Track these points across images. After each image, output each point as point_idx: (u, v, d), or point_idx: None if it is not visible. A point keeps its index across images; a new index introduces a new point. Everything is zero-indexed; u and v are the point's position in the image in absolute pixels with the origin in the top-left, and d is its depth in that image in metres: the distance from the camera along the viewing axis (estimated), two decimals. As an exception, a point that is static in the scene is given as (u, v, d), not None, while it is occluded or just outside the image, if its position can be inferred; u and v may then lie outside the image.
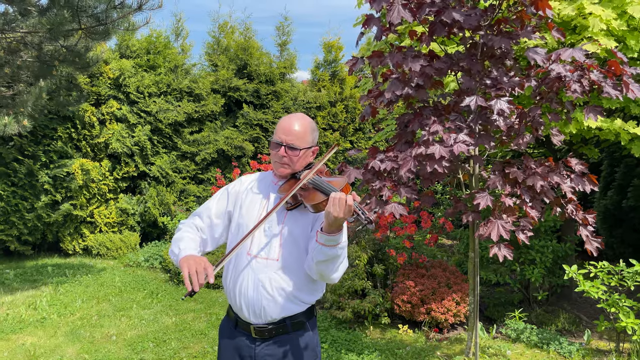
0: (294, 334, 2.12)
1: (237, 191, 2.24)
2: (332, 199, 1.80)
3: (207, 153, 9.03)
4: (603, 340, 5.05)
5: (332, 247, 1.88)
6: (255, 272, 2.08)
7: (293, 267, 2.09)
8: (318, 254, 1.91)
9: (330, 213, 1.80)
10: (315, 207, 1.99)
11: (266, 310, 2.07)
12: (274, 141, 2.11)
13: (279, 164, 2.13)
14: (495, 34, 3.44)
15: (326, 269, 1.95)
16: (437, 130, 3.44)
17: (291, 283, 2.08)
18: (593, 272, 4.69)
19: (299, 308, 2.12)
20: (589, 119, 3.25)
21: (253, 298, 2.07)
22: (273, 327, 2.10)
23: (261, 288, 2.06)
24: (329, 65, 10.56)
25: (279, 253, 2.08)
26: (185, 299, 1.89)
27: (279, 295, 2.07)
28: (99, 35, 5.21)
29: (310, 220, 2.11)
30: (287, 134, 2.09)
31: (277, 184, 2.19)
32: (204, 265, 1.89)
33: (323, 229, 1.88)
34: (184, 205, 8.93)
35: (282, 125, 2.12)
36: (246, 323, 2.13)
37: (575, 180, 3.57)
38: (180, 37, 9.45)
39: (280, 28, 10.01)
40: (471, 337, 4.14)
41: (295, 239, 2.09)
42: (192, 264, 1.89)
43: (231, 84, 9.22)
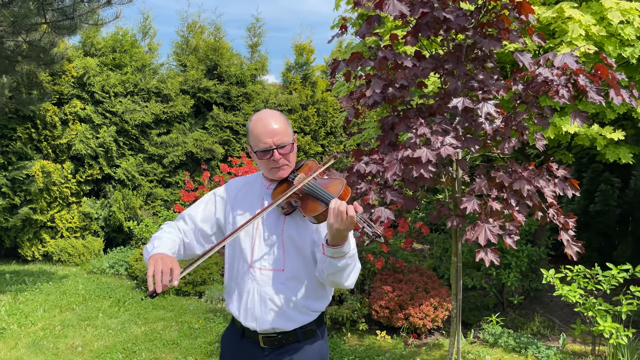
0: (305, 342, 1.99)
1: (226, 197, 2.09)
2: (331, 210, 1.68)
3: (176, 155, 8.77)
4: (577, 344, 5.10)
5: (341, 258, 1.76)
6: (261, 284, 1.94)
7: (300, 275, 1.96)
8: (328, 267, 1.79)
9: (332, 225, 1.68)
10: (316, 219, 1.84)
11: (276, 323, 1.93)
12: (261, 149, 1.93)
13: (277, 168, 1.96)
14: (484, 37, 3.40)
15: (339, 279, 1.84)
16: (424, 132, 3.38)
17: (300, 293, 1.95)
18: (570, 276, 4.73)
19: (310, 318, 1.99)
20: (573, 124, 3.24)
21: (261, 312, 1.93)
22: (283, 337, 1.97)
23: (269, 302, 1.93)
24: (300, 68, 10.45)
25: (284, 262, 1.95)
26: (145, 299, 1.73)
27: (287, 308, 1.93)
28: (65, 30, 4.95)
29: (313, 226, 1.98)
30: (272, 136, 1.91)
31: (269, 188, 2.04)
32: (170, 265, 1.71)
33: (328, 241, 1.75)
34: (151, 210, 8.64)
35: (262, 130, 1.92)
36: (254, 332, 1.98)
37: (559, 184, 3.57)
38: (147, 36, 9.17)
39: (252, 29, 9.86)
40: (453, 343, 4.08)
41: (298, 246, 1.96)
42: (159, 263, 1.71)
43: (201, 84, 9.00)
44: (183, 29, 9.56)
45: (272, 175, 1.99)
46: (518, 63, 4.66)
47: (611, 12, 3.83)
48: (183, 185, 8.86)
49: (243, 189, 2.09)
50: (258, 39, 9.90)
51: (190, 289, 6.46)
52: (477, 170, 3.64)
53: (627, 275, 4.40)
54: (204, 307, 6.00)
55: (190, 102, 8.96)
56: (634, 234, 7.58)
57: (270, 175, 2.00)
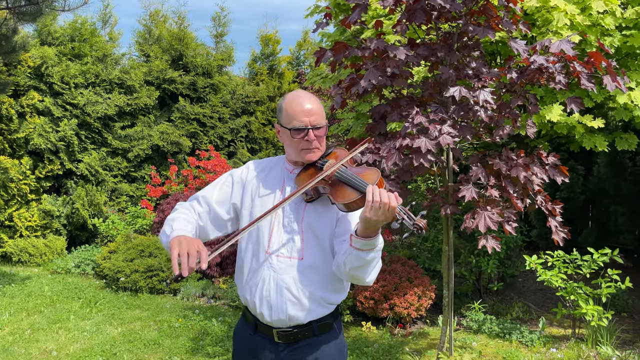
0: (321, 336, 1.91)
1: (244, 180, 1.97)
2: (369, 199, 1.60)
3: (141, 149, 8.46)
4: (554, 327, 5.23)
5: (369, 251, 1.68)
6: (278, 272, 1.84)
7: (318, 266, 1.87)
8: (354, 259, 1.70)
9: (368, 216, 1.60)
10: (347, 207, 1.75)
11: (291, 314, 1.84)
12: (295, 127, 1.84)
13: (308, 150, 1.87)
14: (477, 25, 3.39)
15: (361, 274, 1.76)
16: (420, 121, 3.34)
17: (317, 284, 1.86)
18: (550, 262, 4.83)
19: (326, 310, 1.91)
20: (569, 110, 3.28)
21: (276, 301, 1.84)
22: (298, 331, 1.88)
23: (285, 290, 1.83)
24: (267, 58, 10.28)
25: (303, 251, 1.86)
26: (170, 284, 1.62)
27: (305, 298, 1.84)
28: (29, 16, 4.67)
29: (333, 214, 1.89)
30: (309, 115, 1.84)
31: (292, 173, 1.95)
32: (197, 247, 1.62)
33: (358, 232, 1.67)
34: (116, 206, 8.31)
35: (299, 108, 1.85)
36: (268, 327, 1.89)
37: (550, 171, 3.62)
38: (108, 25, 8.79)
39: (217, 19, 9.60)
40: (445, 331, 4.10)
41: (318, 236, 1.87)
42: (184, 245, 1.61)
43: (166, 75, 8.70)
44: (145, 17, 9.22)
45: (302, 157, 1.89)
46: (500, 51, 4.71)
47: (594, 1, 3.91)
48: (149, 180, 8.58)
49: (262, 172, 1.99)
50: (223, 29, 9.67)
51: (164, 286, 6.25)
52: (471, 158, 3.65)
53: (607, 259, 4.53)
54: (181, 305, 5.82)
55: (155, 93, 8.65)
56: (597, 220, 7.87)
57: (299, 158, 1.90)
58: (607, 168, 7.59)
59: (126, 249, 6.57)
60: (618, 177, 7.38)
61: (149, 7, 9.32)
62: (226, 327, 5.07)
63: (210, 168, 8.36)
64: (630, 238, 7.27)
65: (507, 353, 4.42)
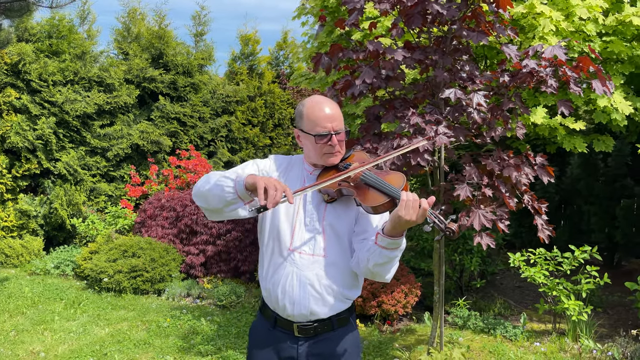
0: (339, 330, 1.99)
1: (268, 171, 2.02)
2: (405, 202, 1.67)
3: (120, 148, 8.35)
4: (534, 322, 5.42)
5: (394, 250, 1.77)
6: (301, 268, 1.91)
7: (339, 263, 1.95)
8: (377, 257, 1.78)
9: (401, 217, 1.67)
10: (375, 209, 1.82)
11: (314, 309, 1.91)
12: (319, 134, 1.91)
13: (330, 154, 1.95)
14: (471, 30, 3.50)
15: (383, 271, 1.84)
16: (417, 122, 3.44)
17: (338, 280, 1.94)
18: (532, 259, 5.01)
19: (345, 305, 1.99)
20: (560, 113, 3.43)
21: (299, 297, 1.90)
22: (318, 325, 1.95)
23: (308, 286, 1.90)
24: (247, 58, 10.27)
25: (325, 249, 1.93)
26: (251, 212, 1.64)
27: (327, 294, 1.92)
28: (16, 12, 4.60)
29: (353, 214, 1.98)
30: (331, 120, 1.91)
31: (312, 174, 2.01)
32: (280, 183, 1.65)
33: (385, 231, 1.75)
34: (95, 206, 8.18)
35: (322, 114, 1.92)
36: (288, 321, 1.95)
37: (539, 171, 3.77)
38: (86, 22, 8.63)
39: (197, 17, 9.54)
40: (435, 327, 4.21)
41: (338, 235, 1.95)
42: (270, 180, 1.64)
43: (146, 74, 8.60)
44: (124, 15, 9.09)
45: (323, 160, 1.96)
46: (487, 54, 4.85)
47: (579, 8, 4.08)
48: (129, 180, 8.47)
49: (284, 170, 2.04)
50: (204, 28, 9.61)
51: (148, 286, 6.20)
52: (463, 158, 3.76)
53: (587, 256, 4.72)
54: (167, 305, 5.79)
55: (135, 92, 8.55)
56: (571, 219, 8.14)
57: (321, 161, 1.97)
58: (580, 169, 7.86)
59: (108, 249, 6.49)
60: (590, 178, 7.66)
61: (128, 5, 9.21)
62: (215, 326, 5.07)
63: (191, 168, 8.31)
64: (601, 237, 7.55)
65: (493, 347, 4.57)
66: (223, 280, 6.44)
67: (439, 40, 3.77)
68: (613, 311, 5.91)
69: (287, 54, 11.00)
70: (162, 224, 6.89)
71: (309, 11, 6.15)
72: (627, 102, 4.40)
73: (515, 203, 3.84)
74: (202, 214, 6.68)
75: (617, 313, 5.87)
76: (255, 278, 6.42)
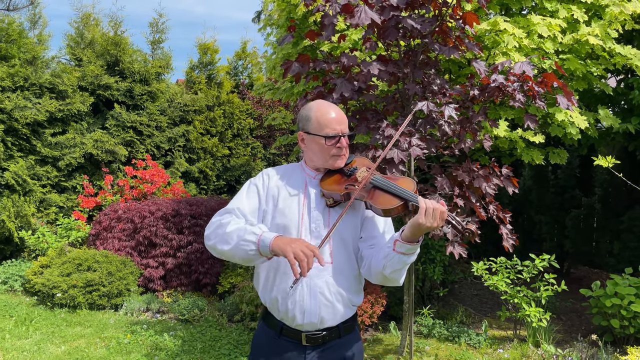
0: (345, 338, 2.00)
1: (267, 186, 2.01)
2: (425, 209, 1.70)
3: (73, 157, 8.02)
4: (495, 329, 5.56)
5: (411, 255, 1.80)
6: (310, 277, 1.89)
7: (346, 269, 1.95)
8: (396, 263, 1.80)
9: (422, 224, 1.70)
10: (387, 212, 1.83)
11: (324, 317, 1.91)
12: (329, 135, 1.93)
13: (337, 156, 1.97)
14: (443, 44, 3.60)
15: (399, 276, 1.86)
16: (391, 133, 3.49)
17: (346, 286, 1.95)
18: (494, 267, 5.15)
19: (351, 312, 2.01)
20: (526, 127, 3.56)
21: (310, 305, 1.89)
22: (327, 333, 1.94)
23: (319, 294, 1.89)
24: (205, 67, 10.15)
25: (332, 255, 1.93)
26: (290, 289, 1.70)
27: (337, 301, 1.92)
28: (-31, 12, 4.33)
29: (357, 218, 1.99)
30: (340, 123, 1.96)
31: (315, 178, 2.02)
32: (308, 246, 1.70)
33: (404, 237, 1.77)
34: (45, 217, 7.81)
35: (331, 117, 1.96)
36: (295, 331, 1.93)
37: (505, 182, 3.90)
38: (37, 26, 8.29)
39: (154, 25, 9.35)
40: (405, 337, 4.25)
41: (344, 240, 1.95)
42: (296, 246, 1.69)
43: (101, 81, 8.33)
44: (77, 20, 8.79)
45: (331, 163, 1.97)
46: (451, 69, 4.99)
47: (539, 27, 4.27)
48: (81, 190, 8.15)
49: (283, 179, 2.03)
50: (161, 35, 9.43)
51: (105, 301, 5.96)
52: (433, 169, 3.84)
53: (546, 264, 4.90)
54: (126, 321, 5.58)
55: (90, 99, 8.26)
56: (524, 229, 8.44)
57: (327, 164, 1.98)
58: (532, 180, 8.19)
59: (61, 263, 6.20)
60: (542, 188, 7.99)
61: (81, 10, 8.92)
62: (179, 341, 4.93)
63: (148, 178, 8.10)
64: (552, 245, 7.87)
65: (459, 355, 4.65)
66: (184, 294, 6.28)
67: (409, 54, 3.85)
68: (566, 317, 6.16)
69: (246, 64, 10.95)
70: (119, 236, 6.65)
71: (274, 22, 6.16)
72: (583, 117, 4.62)
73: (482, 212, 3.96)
74: (161, 226, 6.51)
75: (570, 319, 6.12)
76: (218, 291, 6.30)
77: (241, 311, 5.28)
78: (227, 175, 10.07)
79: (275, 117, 6.55)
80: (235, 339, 4.93)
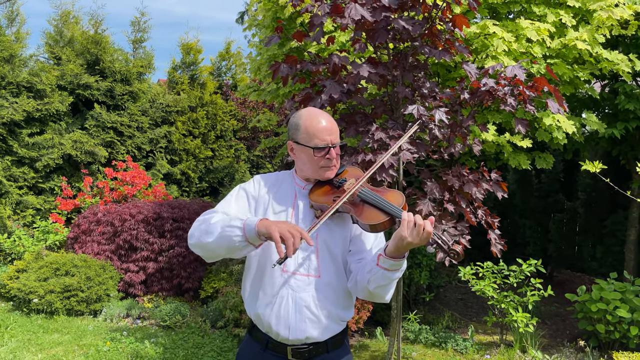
0: (333, 352, 1.90)
1: (257, 195, 1.93)
2: (407, 223, 1.61)
3: (51, 158, 7.81)
4: (481, 334, 5.54)
5: (396, 271, 1.71)
6: (296, 290, 1.81)
7: (334, 283, 1.86)
8: (380, 279, 1.71)
9: (404, 238, 1.62)
10: (373, 227, 1.74)
11: (310, 333, 1.81)
12: (318, 146, 1.84)
13: (327, 167, 1.88)
14: (434, 47, 3.54)
15: (384, 292, 1.78)
16: (381, 137, 3.42)
17: (334, 301, 1.86)
18: (481, 272, 5.12)
19: (340, 327, 1.91)
20: (517, 131, 3.53)
21: (295, 320, 1.80)
22: (313, 348, 1.85)
23: (305, 309, 1.80)
24: (188, 67, 10.00)
25: (319, 268, 1.84)
26: (274, 267, 1.59)
27: (323, 316, 1.83)
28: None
29: (346, 231, 1.90)
30: (330, 133, 1.86)
31: (304, 189, 1.93)
32: (295, 227, 1.60)
33: (387, 253, 1.69)
34: (21, 220, 7.59)
35: (321, 127, 1.86)
36: (281, 344, 1.84)
37: (494, 186, 3.85)
38: (14, 24, 8.06)
39: (136, 24, 9.18)
40: (393, 343, 4.18)
41: (332, 253, 1.86)
42: (282, 225, 1.59)
43: (81, 80, 8.14)
44: (56, 17, 8.58)
45: (319, 175, 1.89)
46: (439, 72, 4.95)
47: (528, 31, 4.25)
48: (59, 192, 7.94)
49: (273, 188, 1.95)
50: (143, 34, 9.26)
51: (84, 307, 5.78)
52: (422, 174, 3.78)
53: (533, 269, 4.89)
54: (106, 327, 5.42)
55: (69, 99, 8.06)
56: (508, 232, 8.46)
57: (317, 175, 1.90)
58: (516, 184, 8.21)
59: (38, 268, 6.01)
60: (526, 193, 8.01)
61: (60, 7, 8.71)
62: (161, 348, 4.79)
63: (129, 180, 7.92)
64: (536, 249, 7.90)
65: (447, 361, 4.61)
66: (165, 299, 6.14)
67: (398, 57, 3.79)
68: (551, 321, 6.16)
69: (230, 65, 10.82)
70: (98, 240, 6.47)
71: (260, 22, 6.06)
72: (570, 122, 4.62)
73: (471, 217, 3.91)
74: (142, 229, 6.35)
75: (554, 323, 6.12)
76: (200, 296, 6.17)
77: (225, 317, 5.16)
78: (210, 177, 9.92)
79: (261, 119, 6.45)
80: (219, 346, 4.81)
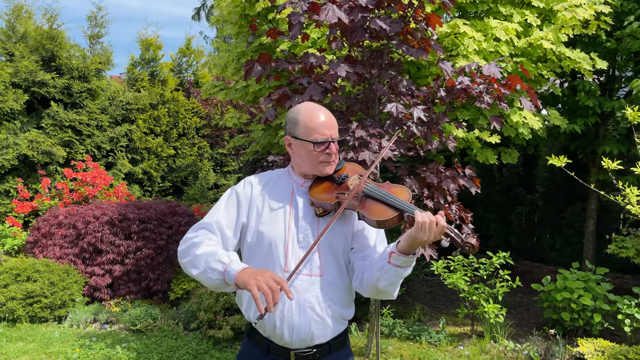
0: (336, 354, 1.89)
1: (249, 196, 1.88)
2: (421, 223, 1.60)
3: (5, 159, 7.47)
4: (451, 326, 5.66)
5: (407, 268, 1.70)
6: (300, 291, 1.78)
7: (337, 282, 1.84)
8: (392, 276, 1.70)
9: (418, 235, 1.61)
10: (380, 224, 1.72)
11: (315, 334, 1.79)
12: (318, 141, 1.81)
13: (326, 163, 1.85)
14: (411, 46, 3.58)
15: (394, 289, 1.77)
16: (361, 135, 3.44)
17: (337, 300, 1.84)
18: (452, 266, 5.24)
19: (343, 327, 1.90)
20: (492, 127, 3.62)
21: (299, 322, 1.77)
22: (317, 351, 1.83)
23: (309, 310, 1.78)
24: (148, 64, 9.75)
25: (321, 267, 1.82)
26: (256, 324, 1.56)
27: (327, 316, 1.81)
28: None
29: (348, 228, 1.88)
30: (330, 128, 1.84)
31: (303, 186, 1.90)
32: (274, 278, 1.56)
33: (400, 249, 1.68)
34: (-25, 224, 7.22)
35: (320, 121, 1.83)
36: (284, 349, 1.81)
37: (468, 182, 3.95)
38: (-38, 17, 7.65)
39: (93, 18, 8.87)
40: (372, 339, 4.23)
41: (334, 251, 1.84)
42: (261, 279, 1.55)
43: (36, 77, 7.80)
44: (8, 12, 8.20)
45: (318, 170, 1.87)
46: (410, 70, 5.02)
47: (497, 30, 4.36)
48: (15, 195, 7.61)
49: (267, 187, 1.91)
50: (100, 30, 8.96)
51: (48, 314, 5.57)
52: (400, 170, 3.83)
53: (503, 261, 5.03)
54: (73, 333, 5.24)
55: (24, 97, 7.71)
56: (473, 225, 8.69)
57: (316, 171, 1.87)
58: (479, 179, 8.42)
59: (-3, 274, 5.74)
60: (489, 187, 8.24)
61: (13, 1, 8.31)
62: (134, 353, 4.67)
63: (89, 180, 7.66)
64: (499, 241, 8.14)
65: (422, 354, 4.69)
66: (133, 302, 5.98)
67: (374, 55, 3.82)
68: (516, 311, 6.37)
69: (190, 61, 10.62)
70: (60, 243, 6.24)
71: (227, 19, 5.97)
72: (536, 118, 4.77)
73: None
74: (107, 231, 6.16)
75: (519, 313, 6.33)
76: (170, 298, 6.05)
77: (198, 319, 5.08)
78: (173, 176, 9.73)
79: (230, 117, 6.36)
80: (194, 349, 4.73)
